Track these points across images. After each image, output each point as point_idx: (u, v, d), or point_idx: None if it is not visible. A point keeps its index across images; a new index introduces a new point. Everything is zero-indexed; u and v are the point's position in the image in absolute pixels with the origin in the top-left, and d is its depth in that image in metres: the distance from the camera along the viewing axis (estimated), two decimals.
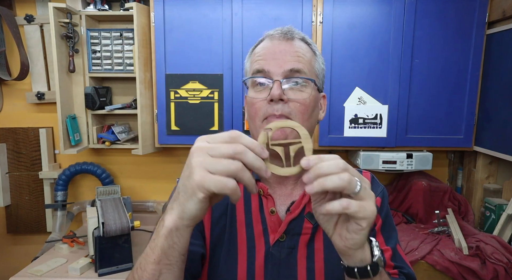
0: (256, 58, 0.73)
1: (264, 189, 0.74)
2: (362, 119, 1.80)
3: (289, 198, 0.75)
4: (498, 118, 1.68)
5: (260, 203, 0.74)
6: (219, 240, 0.74)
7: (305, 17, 1.74)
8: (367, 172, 0.82)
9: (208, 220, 0.75)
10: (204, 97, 1.83)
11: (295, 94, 0.69)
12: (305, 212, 0.72)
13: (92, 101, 1.92)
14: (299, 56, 0.71)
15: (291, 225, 0.71)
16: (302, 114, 0.69)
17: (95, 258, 1.60)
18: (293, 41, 0.72)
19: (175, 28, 1.79)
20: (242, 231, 0.73)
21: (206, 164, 0.47)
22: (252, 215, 0.74)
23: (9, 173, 2.16)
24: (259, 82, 0.71)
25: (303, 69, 0.70)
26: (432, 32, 1.74)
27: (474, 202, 1.92)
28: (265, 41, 0.75)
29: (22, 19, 2.02)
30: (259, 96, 0.70)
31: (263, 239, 0.72)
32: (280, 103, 0.68)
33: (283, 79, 0.69)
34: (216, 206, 0.75)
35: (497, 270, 1.45)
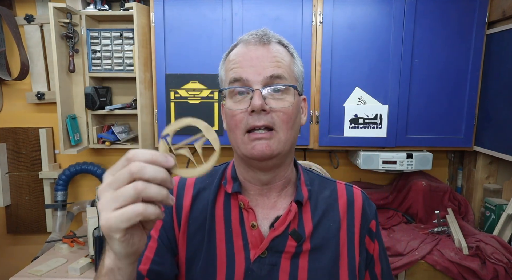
0: (232, 66, 0.67)
1: (244, 202, 0.70)
2: (362, 119, 1.80)
3: (272, 210, 0.71)
4: (498, 118, 1.68)
5: (240, 216, 0.70)
6: (196, 256, 0.70)
7: (305, 17, 1.74)
8: (358, 189, 0.79)
9: (183, 235, 0.71)
10: (204, 97, 1.83)
11: (276, 103, 0.65)
12: (290, 229, 0.68)
13: (92, 101, 1.92)
14: (278, 61, 0.66)
15: (274, 242, 0.68)
16: (286, 123, 0.65)
17: (95, 258, 1.60)
18: (270, 46, 0.67)
19: (175, 28, 1.79)
20: (222, 245, 0.69)
21: (108, 203, 0.43)
22: (232, 229, 0.70)
23: (9, 173, 2.16)
24: (238, 92, 0.66)
25: (283, 75, 0.66)
26: (432, 32, 1.74)
27: (474, 202, 1.92)
28: (240, 47, 0.69)
29: (22, 19, 2.02)
30: (239, 107, 0.65)
31: (243, 255, 0.68)
32: (262, 114, 0.64)
33: (263, 87, 0.64)
34: (192, 220, 0.72)
35: (497, 270, 1.45)
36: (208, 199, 0.73)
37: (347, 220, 0.73)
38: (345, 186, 0.78)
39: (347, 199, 0.75)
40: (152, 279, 0.67)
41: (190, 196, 0.74)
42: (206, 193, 0.74)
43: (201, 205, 0.73)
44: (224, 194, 0.73)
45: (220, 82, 0.75)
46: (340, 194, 0.76)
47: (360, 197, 0.77)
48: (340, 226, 0.72)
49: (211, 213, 0.71)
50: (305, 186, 0.73)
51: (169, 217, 0.72)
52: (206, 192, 0.74)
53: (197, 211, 0.72)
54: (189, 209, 0.72)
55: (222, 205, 0.72)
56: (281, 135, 0.65)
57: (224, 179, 0.75)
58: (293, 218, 0.69)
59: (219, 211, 0.71)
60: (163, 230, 0.71)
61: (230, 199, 0.72)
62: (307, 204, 0.72)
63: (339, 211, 0.73)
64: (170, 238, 0.71)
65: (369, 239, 0.75)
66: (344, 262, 0.70)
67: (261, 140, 0.64)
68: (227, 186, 0.73)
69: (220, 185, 0.74)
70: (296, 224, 0.69)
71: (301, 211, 0.71)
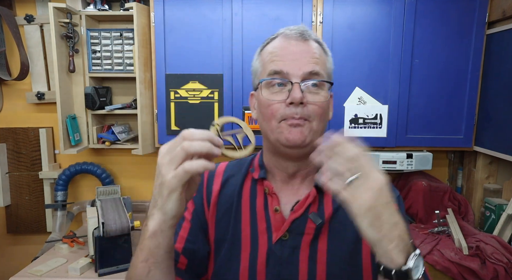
0: (273, 58, 0.70)
1: (269, 187, 0.74)
2: (362, 119, 1.80)
3: (294, 196, 0.75)
4: (498, 118, 1.68)
5: (265, 201, 0.75)
6: (223, 237, 0.75)
7: (305, 17, 1.74)
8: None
9: (212, 218, 0.77)
10: (204, 97, 1.83)
11: (313, 97, 0.68)
12: (309, 212, 0.72)
13: (92, 101, 1.92)
14: (317, 58, 0.70)
15: (294, 224, 0.71)
16: (320, 116, 0.69)
17: (95, 258, 1.60)
18: (309, 42, 0.71)
19: (175, 28, 1.79)
20: (246, 228, 0.74)
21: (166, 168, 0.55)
22: (257, 213, 0.75)
23: (9, 173, 2.16)
24: (276, 83, 0.70)
25: (320, 72, 0.69)
26: (432, 32, 1.74)
27: (474, 202, 1.92)
28: (280, 40, 0.72)
29: (22, 19, 2.02)
30: (276, 98, 0.69)
31: (266, 237, 0.72)
32: (299, 106, 0.67)
33: (302, 81, 0.68)
34: (220, 204, 0.77)
35: (497, 270, 1.45)
36: (235, 185, 0.78)
37: None
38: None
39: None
40: (187, 256, 0.74)
41: (219, 182, 0.80)
42: (234, 180, 0.79)
43: (229, 191, 0.78)
44: (251, 180, 0.78)
45: (253, 73, 0.77)
46: None
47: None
48: None
49: (238, 198, 0.77)
50: None
51: (200, 201, 0.79)
52: (234, 178, 0.80)
53: (225, 196, 0.78)
54: (217, 194, 0.78)
55: (249, 190, 0.77)
56: (314, 126, 0.69)
57: (252, 167, 0.80)
58: (312, 202, 0.72)
59: (245, 196, 0.77)
60: (195, 212, 0.78)
61: (256, 185, 0.77)
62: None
63: None
64: (201, 220, 0.77)
65: None
66: (366, 246, 0.71)
67: (296, 126, 0.68)
68: (254, 173, 0.78)
69: (248, 172, 0.80)
70: (316, 208, 0.73)
71: (322, 196, 0.74)
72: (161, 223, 0.57)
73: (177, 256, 0.73)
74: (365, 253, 0.71)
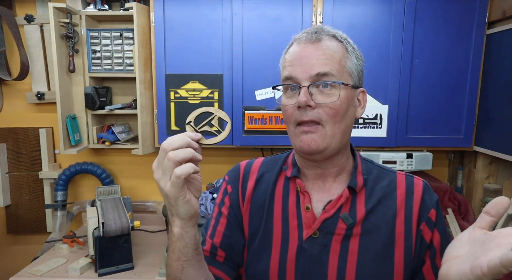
0: (286, 65, 0.73)
1: (301, 186, 0.76)
2: (362, 119, 1.80)
3: (327, 194, 0.76)
4: (498, 118, 1.68)
5: (297, 199, 0.76)
6: (256, 232, 0.78)
7: (305, 17, 1.74)
8: (419, 179, 0.78)
9: (246, 213, 0.80)
10: (204, 97, 1.83)
11: (324, 99, 0.68)
12: (341, 213, 0.72)
13: (92, 101, 1.92)
14: (327, 58, 0.69)
15: (325, 223, 0.72)
16: (333, 118, 0.69)
17: (95, 258, 1.60)
18: (319, 43, 0.70)
19: (175, 28, 1.79)
20: (278, 224, 0.76)
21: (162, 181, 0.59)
22: (289, 210, 0.76)
23: (9, 173, 2.16)
24: (290, 88, 0.72)
25: (330, 72, 0.68)
26: (432, 32, 1.74)
27: (474, 202, 1.92)
28: (293, 46, 0.74)
29: (22, 19, 2.02)
30: (290, 102, 0.71)
31: (297, 234, 0.74)
32: (308, 109, 0.68)
33: (310, 84, 0.68)
34: (254, 200, 0.80)
35: None
36: (269, 182, 0.81)
37: (405, 210, 0.74)
38: (405, 176, 0.79)
39: (406, 188, 0.76)
40: (225, 250, 0.79)
41: (254, 178, 0.83)
42: (268, 177, 0.82)
43: (263, 187, 0.81)
44: (284, 178, 0.80)
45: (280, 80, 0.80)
46: (399, 184, 0.77)
47: (421, 187, 0.76)
48: (396, 214, 0.73)
49: (271, 194, 0.79)
50: (361, 175, 0.76)
51: (235, 197, 0.82)
52: (268, 175, 0.82)
53: (259, 192, 0.81)
54: (252, 190, 0.81)
55: (282, 187, 0.79)
56: (328, 130, 0.69)
57: (286, 165, 0.82)
58: (345, 203, 0.73)
59: (278, 193, 0.79)
60: (231, 208, 0.82)
61: (289, 183, 0.79)
62: (362, 192, 0.75)
63: (397, 200, 0.75)
64: (237, 215, 0.81)
65: (426, 228, 0.73)
66: (400, 249, 0.71)
67: (307, 133, 0.69)
68: (287, 171, 0.80)
69: (281, 170, 0.82)
70: (348, 209, 0.73)
71: (355, 197, 0.74)
72: (183, 226, 0.63)
73: (215, 250, 0.78)
74: (397, 258, 0.71)
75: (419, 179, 0.78)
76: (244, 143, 1.83)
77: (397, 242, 0.72)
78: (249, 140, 1.82)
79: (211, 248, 0.79)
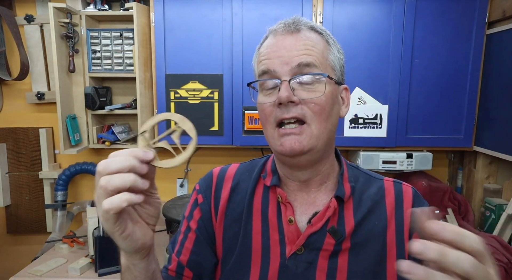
0: (261, 58, 0.65)
1: (282, 196, 0.67)
2: (362, 119, 1.80)
3: (311, 206, 0.68)
4: (498, 118, 1.68)
5: (278, 210, 0.68)
6: (231, 248, 0.70)
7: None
8: (408, 186, 0.71)
9: (220, 227, 0.72)
10: (204, 97, 1.83)
11: (307, 94, 0.61)
12: (328, 226, 0.65)
13: (92, 101, 1.92)
14: (308, 48, 0.62)
15: (311, 239, 0.65)
16: (319, 115, 0.61)
17: (95, 258, 1.60)
18: (299, 33, 0.63)
19: (175, 28, 1.79)
20: (257, 239, 0.68)
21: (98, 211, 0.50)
22: (269, 223, 0.68)
23: (9, 173, 2.16)
24: (267, 84, 0.64)
25: (313, 63, 0.61)
26: (432, 32, 1.74)
27: (474, 202, 1.92)
28: (269, 38, 0.66)
29: (22, 19, 2.02)
30: (268, 100, 0.63)
31: (278, 250, 0.66)
32: (290, 106, 0.60)
33: (291, 77, 0.61)
34: (229, 211, 0.72)
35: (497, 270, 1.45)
36: (246, 190, 0.72)
37: (396, 220, 0.67)
38: (393, 183, 0.71)
39: (395, 196, 0.69)
40: (192, 269, 0.70)
41: (228, 187, 0.74)
42: (245, 185, 0.73)
43: (239, 197, 0.72)
44: (263, 187, 0.72)
45: (254, 77, 0.71)
46: (387, 192, 0.70)
47: (410, 195, 0.69)
48: (387, 225, 0.66)
49: (249, 205, 0.71)
50: (348, 182, 0.69)
51: (207, 208, 0.73)
52: (245, 183, 0.73)
53: (235, 202, 0.72)
54: (226, 200, 0.72)
55: (260, 197, 0.71)
56: (313, 129, 0.61)
57: (264, 172, 0.73)
58: (332, 215, 0.65)
59: (256, 204, 0.71)
60: (201, 221, 0.73)
61: (268, 192, 0.71)
62: (349, 201, 0.68)
63: (386, 210, 0.68)
64: (208, 229, 0.72)
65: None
66: (391, 264, 0.65)
67: (290, 135, 0.61)
68: (266, 179, 0.71)
69: (259, 178, 0.73)
70: (336, 221, 0.66)
71: (342, 208, 0.67)
72: (128, 258, 0.55)
73: (181, 269, 0.70)
74: (390, 273, 0.65)
75: (407, 185, 0.72)
76: (244, 143, 1.83)
77: (389, 256, 0.65)
78: (249, 140, 1.82)
79: (177, 267, 0.70)
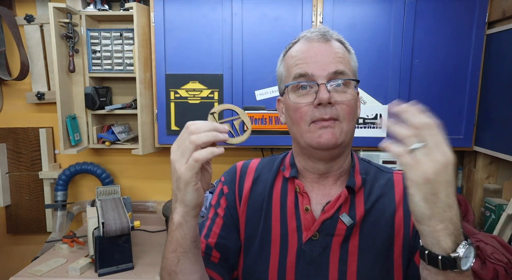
0: (296, 62, 0.71)
1: (300, 186, 0.74)
2: (362, 119, 1.80)
3: (326, 197, 0.74)
4: (498, 118, 1.68)
5: (296, 200, 0.75)
6: (253, 234, 0.76)
7: (305, 17, 1.74)
8: (399, 173, 0.78)
9: (243, 214, 0.78)
10: (204, 97, 1.83)
11: (340, 97, 0.68)
12: (340, 213, 0.71)
13: (92, 101, 1.92)
14: (340, 57, 0.70)
15: (325, 225, 0.71)
16: (349, 115, 0.69)
17: (95, 258, 1.60)
18: (330, 42, 0.72)
19: (175, 28, 1.79)
20: (277, 226, 0.74)
21: (178, 163, 0.58)
22: (287, 212, 0.75)
23: (9, 173, 2.16)
24: (301, 86, 0.70)
25: (345, 70, 0.69)
26: (432, 32, 1.74)
27: (474, 202, 1.92)
28: (302, 43, 0.73)
29: (22, 19, 2.02)
30: (303, 101, 0.69)
31: (296, 236, 0.72)
32: (328, 107, 0.67)
33: (327, 81, 0.68)
34: (251, 201, 0.78)
35: (497, 270, 1.45)
36: (266, 182, 0.79)
37: (404, 206, 0.73)
38: (403, 174, 0.75)
39: (404, 186, 0.75)
40: (220, 251, 0.77)
41: (251, 179, 0.81)
42: (266, 177, 0.80)
43: (260, 188, 0.79)
44: (282, 179, 0.79)
45: (279, 79, 0.78)
46: (396, 183, 0.76)
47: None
48: (395, 211, 0.72)
49: (269, 196, 0.77)
50: (359, 174, 0.75)
51: (232, 197, 0.80)
52: (265, 175, 0.81)
53: (256, 193, 0.79)
54: (249, 191, 0.80)
55: (280, 188, 0.77)
56: (344, 126, 0.68)
57: (283, 165, 0.80)
58: (344, 203, 0.72)
59: (276, 194, 0.77)
60: (227, 209, 0.80)
61: (287, 183, 0.77)
62: (360, 191, 0.74)
63: (395, 198, 0.74)
64: (233, 216, 0.79)
65: None
66: (398, 245, 0.71)
67: (327, 128, 0.67)
68: (285, 171, 0.78)
69: (279, 170, 0.80)
70: (347, 209, 0.72)
71: (353, 197, 0.73)
72: (184, 215, 0.61)
73: (210, 250, 0.76)
74: (396, 255, 0.71)
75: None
76: (244, 143, 1.82)
77: (396, 239, 0.71)
78: (249, 140, 1.80)
79: (205, 248, 0.77)
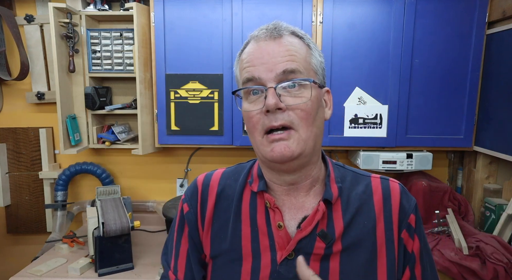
0: (244, 66, 0.64)
1: (270, 201, 0.67)
2: (362, 119, 1.80)
3: (300, 211, 0.68)
4: (498, 118, 1.68)
5: (267, 215, 0.68)
6: (220, 255, 0.70)
7: (305, 17, 1.74)
8: (395, 182, 0.72)
9: (207, 235, 0.72)
10: (204, 97, 1.83)
11: (294, 100, 0.61)
12: (318, 230, 0.65)
13: (92, 101, 1.92)
14: (292, 54, 0.62)
15: (302, 244, 0.64)
16: (306, 120, 0.62)
17: (95, 258, 1.60)
18: (281, 39, 0.63)
19: (175, 28, 1.79)
20: (247, 246, 0.67)
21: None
22: (258, 229, 0.68)
23: (9, 173, 2.16)
24: (252, 91, 0.63)
25: (298, 69, 0.62)
26: (432, 32, 1.74)
27: (474, 202, 1.92)
28: (251, 44, 0.66)
29: (22, 19, 2.02)
30: (254, 108, 0.63)
31: (269, 256, 0.66)
32: (278, 113, 0.60)
33: (277, 84, 0.61)
34: (216, 219, 0.71)
35: (497, 270, 1.45)
36: (233, 196, 0.71)
37: (384, 217, 0.67)
38: (380, 180, 0.72)
39: (382, 193, 0.69)
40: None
41: (214, 194, 0.73)
42: (231, 190, 0.72)
43: (225, 203, 0.72)
44: (250, 192, 0.71)
45: (236, 82, 0.71)
46: (375, 189, 0.70)
47: (398, 191, 0.70)
48: (376, 223, 0.67)
49: (236, 212, 0.70)
50: (335, 183, 0.69)
51: (193, 217, 0.73)
52: (231, 189, 0.73)
53: (221, 209, 0.72)
54: (213, 208, 0.72)
55: (248, 203, 0.70)
56: (301, 134, 0.62)
57: (250, 177, 0.73)
58: (321, 218, 0.65)
59: (244, 210, 0.70)
60: (190, 237, 0.74)
61: (256, 197, 0.70)
62: (337, 202, 0.68)
63: (375, 208, 0.68)
64: (195, 240, 0.73)
65: (407, 235, 0.68)
66: (382, 262, 0.65)
67: (279, 141, 0.61)
68: (253, 185, 0.71)
69: (246, 183, 0.72)
70: (325, 224, 0.66)
71: (331, 210, 0.67)
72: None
73: None
74: (380, 272, 0.65)
75: (394, 181, 0.72)
76: (244, 143, 1.83)
77: (379, 255, 0.66)
78: (249, 140, 1.82)
79: None
